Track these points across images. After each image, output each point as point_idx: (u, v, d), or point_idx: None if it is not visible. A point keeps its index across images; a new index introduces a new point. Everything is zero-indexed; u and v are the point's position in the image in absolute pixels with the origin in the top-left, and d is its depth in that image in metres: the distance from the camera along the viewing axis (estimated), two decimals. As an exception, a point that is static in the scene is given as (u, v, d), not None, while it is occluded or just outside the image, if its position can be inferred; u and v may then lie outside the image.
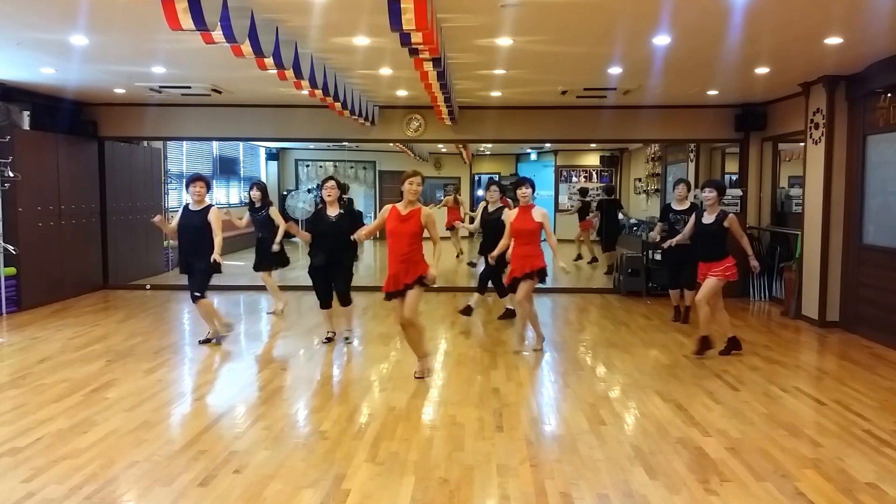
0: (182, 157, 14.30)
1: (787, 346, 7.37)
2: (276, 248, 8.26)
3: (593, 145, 18.07)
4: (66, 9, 5.40)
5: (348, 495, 3.67)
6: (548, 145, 18.59)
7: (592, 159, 19.60)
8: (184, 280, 7.21)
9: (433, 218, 5.65)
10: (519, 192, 6.78)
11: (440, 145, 18.01)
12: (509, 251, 6.90)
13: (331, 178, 7.11)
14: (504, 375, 6.06)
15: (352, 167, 20.67)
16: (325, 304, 7.16)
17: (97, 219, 10.59)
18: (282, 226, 8.12)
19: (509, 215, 6.88)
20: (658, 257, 10.46)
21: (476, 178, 21.65)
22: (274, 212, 8.46)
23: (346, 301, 7.16)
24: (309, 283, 7.21)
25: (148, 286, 10.89)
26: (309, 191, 16.80)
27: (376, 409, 5.12)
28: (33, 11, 5.48)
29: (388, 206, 5.74)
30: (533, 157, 20.76)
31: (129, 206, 11.30)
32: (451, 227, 14.86)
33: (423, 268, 5.61)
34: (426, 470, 4.01)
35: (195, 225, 6.81)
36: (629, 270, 10.47)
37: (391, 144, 15.30)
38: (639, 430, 4.70)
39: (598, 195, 14.87)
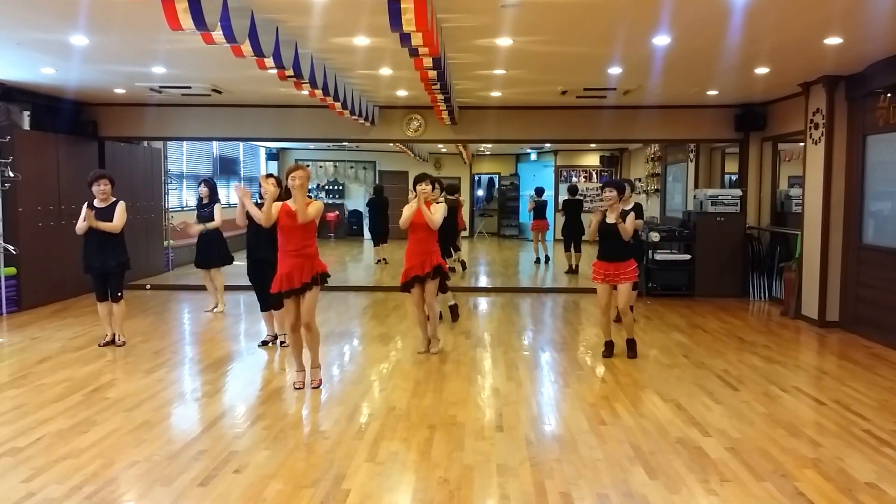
0: (182, 158, 14.31)
1: (787, 345, 7.38)
2: (197, 228, 8.76)
3: (593, 145, 18.07)
4: (66, 9, 5.40)
5: (348, 495, 3.67)
6: (548, 145, 18.59)
7: (592, 159, 19.60)
8: (184, 280, 7.19)
9: (318, 204, 5.56)
10: (419, 187, 6.60)
11: (440, 145, 18.02)
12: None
13: (270, 175, 7.06)
14: (504, 375, 6.07)
15: (352, 167, 20.70)
16: (261, 305, 7.02)
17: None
18: (218, 219, 8.62)
19: (410, 206, 6.61)
20: (658, 257, 10.49)
21: (476, 178, 21.68)
22: (218, 209, 8.75)
23: (269, 305, 6.70)
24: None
25: (148, 286, 10.90)
26: (309, 191, 16.83)
27: (376, 409, 5.13)
28: (33, 11, 5.48)
29: (278, 203, 5.51)
30: (533, 157, 20.77)
31: (129, 207, 11.19)
32: None
33: (320, 265, 5.52)
34: (426, 470, 4.01)
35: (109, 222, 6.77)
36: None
37: (391, 144, 15.33)
38: (639, 429, 4.70)
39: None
